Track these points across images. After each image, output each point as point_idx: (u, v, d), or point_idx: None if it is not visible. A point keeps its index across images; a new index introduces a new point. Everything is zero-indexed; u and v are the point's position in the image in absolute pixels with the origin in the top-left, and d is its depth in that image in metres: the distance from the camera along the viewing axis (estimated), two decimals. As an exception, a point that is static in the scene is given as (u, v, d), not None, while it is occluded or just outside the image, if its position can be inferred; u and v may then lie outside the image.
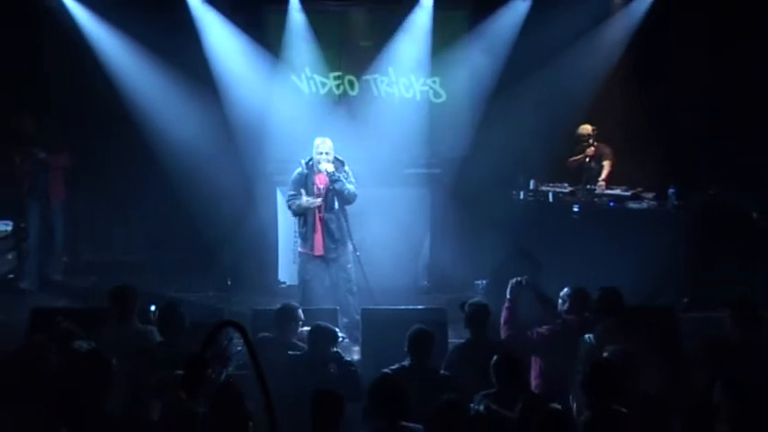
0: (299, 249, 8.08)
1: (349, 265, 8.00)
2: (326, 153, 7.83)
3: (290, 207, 8.02)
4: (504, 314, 6.23)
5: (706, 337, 6.01)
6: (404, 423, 4.85)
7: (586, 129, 9.49)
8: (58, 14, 9.58)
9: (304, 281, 8.02)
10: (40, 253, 9.55)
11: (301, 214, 7.94)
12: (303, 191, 7.87)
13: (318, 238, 7.87)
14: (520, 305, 6.30)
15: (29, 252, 9.42)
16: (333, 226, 7.86)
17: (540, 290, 6.59)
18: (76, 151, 9.79)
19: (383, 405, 4.87)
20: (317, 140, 7.93)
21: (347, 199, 7.85)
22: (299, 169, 7.95)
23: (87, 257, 10.79)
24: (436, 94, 10.43)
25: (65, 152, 9.43)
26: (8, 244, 9.49)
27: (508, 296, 6.29)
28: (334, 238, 7.88)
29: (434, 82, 10.38)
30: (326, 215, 7.85)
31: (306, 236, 7.93)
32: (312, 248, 7.89)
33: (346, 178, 7.86)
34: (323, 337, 5.84)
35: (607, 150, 9.46)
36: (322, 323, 6.02)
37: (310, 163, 7.91)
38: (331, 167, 7.79)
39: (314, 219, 7.88)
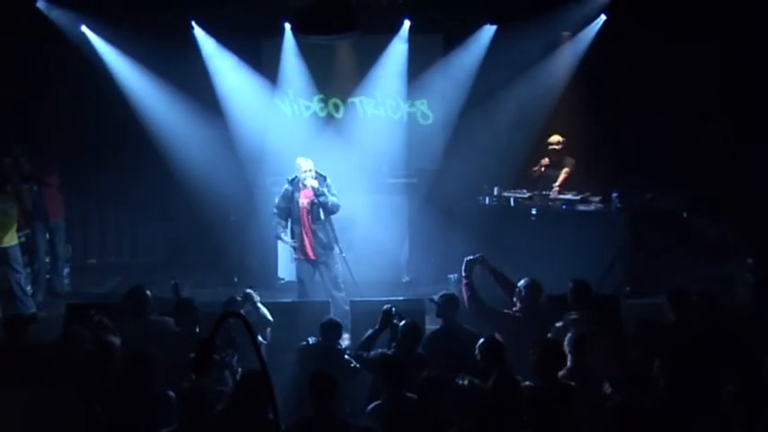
0: (294, 256, 8.07)
1: (336, 266, 8.01)
2: (310, 171, 7.78)
3: (274, 219, 7.97)
4: (464, 291, 6.15)
5: (645, 320, 6.07)
6: (408, 393, 4.95)
7: (556, 138, 9.36)
8: (82, 47, 9.64)
9: (300, 281, 8.06)
10: (45, 268, 9.11)
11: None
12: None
13: (308, 245, 7.88)
14: (478, 286, 6.21)
15: (39, 269, 8.98)
16: (320, 234, 7.86)
17: (493, 266, 6.45)
18: (106, 171, 9.80)
19: (390, 378, 5.00)
20: (299, 160, 7.85)
21: (331, 210, 7.84)
22: (286, 186, 7.92)
23: (113, 259, 10.82)
24: (424, 116, 10.36)
25: (54, 172, 8.93)
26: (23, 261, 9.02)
27: (463, 273, 6.22)
28: (323, 244, 7.87)
29: (422, 103, 10.33)
30: (314, 226, 7.84)
31: (297, 246, 7.96)
32: (305, 254, 7.92)
33: (329, 191, 7.84)
34: (332, 329, 5.95)
35: (569, 161, 9.35)
36: (334, 319, 6.15)
37: (295, 181, 7.87)
38: (316, 183, 7.74)
39: (301, 231, 7.88)
